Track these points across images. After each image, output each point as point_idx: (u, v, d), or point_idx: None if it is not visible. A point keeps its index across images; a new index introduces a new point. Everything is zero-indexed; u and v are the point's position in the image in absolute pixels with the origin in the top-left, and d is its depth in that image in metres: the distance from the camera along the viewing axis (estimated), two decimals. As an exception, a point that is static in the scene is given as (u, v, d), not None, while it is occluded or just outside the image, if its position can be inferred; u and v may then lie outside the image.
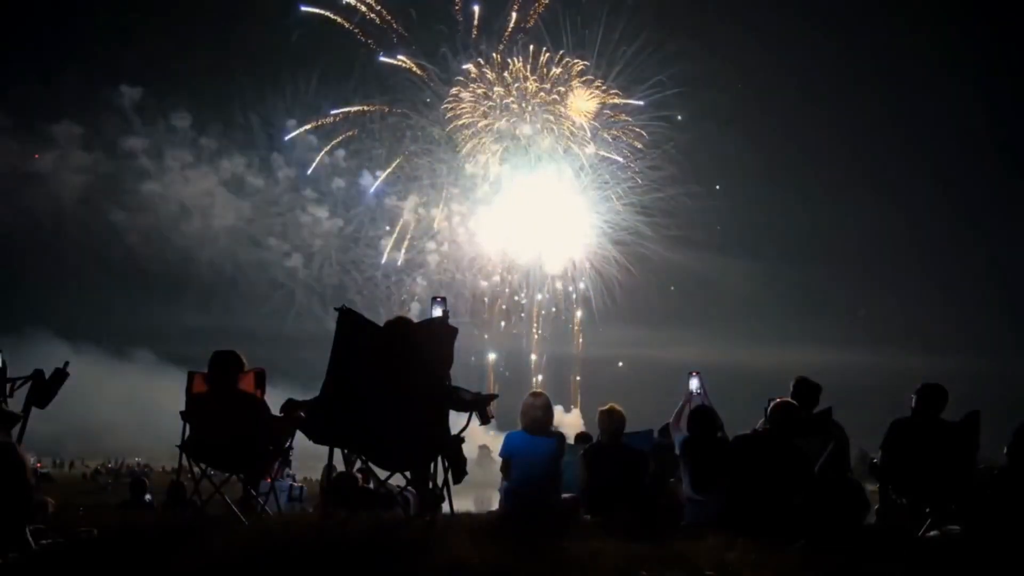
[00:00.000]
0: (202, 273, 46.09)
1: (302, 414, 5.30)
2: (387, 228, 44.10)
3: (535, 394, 5.59)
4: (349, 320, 4.44)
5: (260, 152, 44.27)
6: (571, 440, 8.21)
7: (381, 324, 4.65)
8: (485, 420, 4.75)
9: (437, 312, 4.68)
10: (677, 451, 6.05)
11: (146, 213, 45.72)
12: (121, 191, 45.27)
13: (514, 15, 40.10)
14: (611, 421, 5.84)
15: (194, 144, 44.61)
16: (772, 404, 5.38)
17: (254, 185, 45.15)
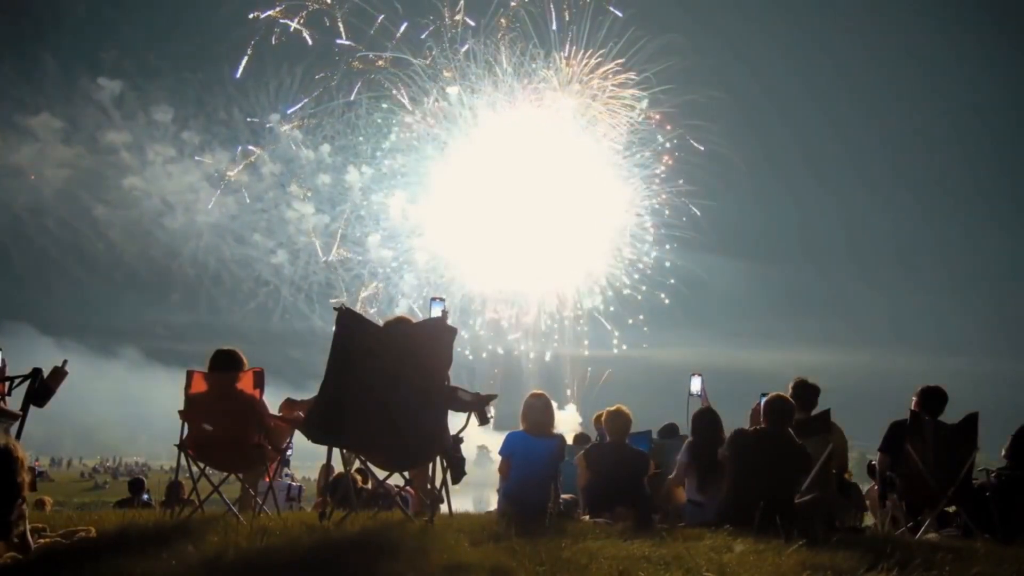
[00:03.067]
0: (186, 270, 45.61)
1: (301, 414, 5.30)
2: (374, 225, 43.55)
3: (536, 395, 5.59)
4: (349, 320, 4.43)
5: (244, 147, 43.76)
6: (569, 440, 8.22)
7: (378, 323, 4.65)
8: (484, 420, 4.76)
9: (436, 312, 4.68)
10: (681, 456, 5.98)
11: (128, 208, 45.28)
12: (102, 186, 44.85)
13: (502, 20, 39.73)
14: (618, 422, 5.85)
15: (176, 139, 44.19)
16: (766, 399, 5.36)
17: (238, 180, 44.67)
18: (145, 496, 9.66)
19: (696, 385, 6.48)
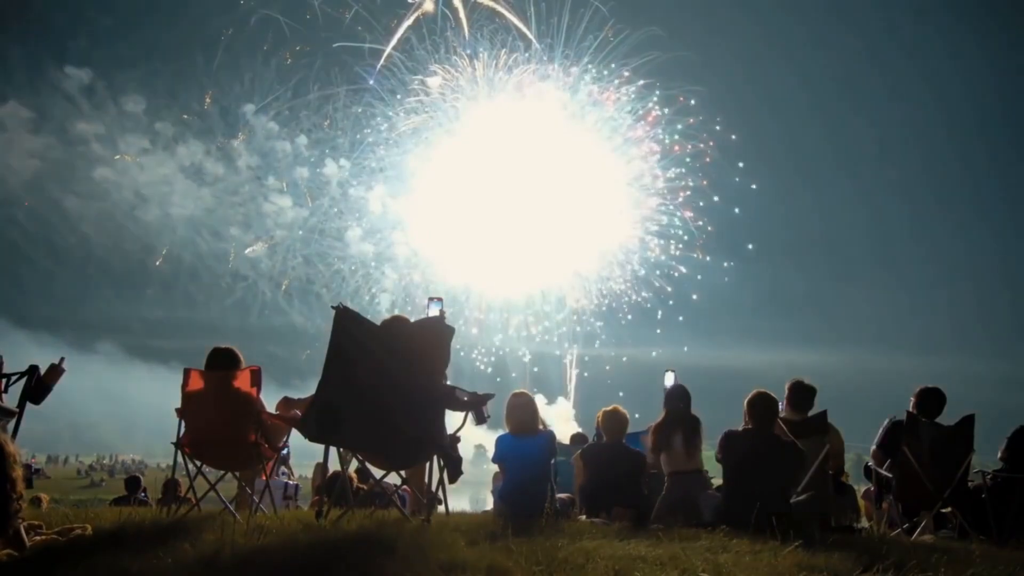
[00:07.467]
0: (161, 263, 44.78)
1: (298, 412, 5.30)
2: (354, 219, 42.85)
3: (517, 394, 5.59)
4: (346, 318, 4.43)
5: (218, 139, 43.00)
6: (567, 440, 8.22)
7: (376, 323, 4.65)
8: (481, 420, 4.76)
9: (434, 311, 4.67)
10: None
11: (100, 200, 44.46)
12: (73, 177, 44.05)
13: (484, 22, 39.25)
14: (614, 422, 5.86)
15: (149, 130, 43.45)
16: (747, 398, 5.34)
17: (213, 173, 43.89)
18: (142, 494, 9.65)
19: (670, 380, 6.58)
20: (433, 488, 4.65)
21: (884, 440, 5.95)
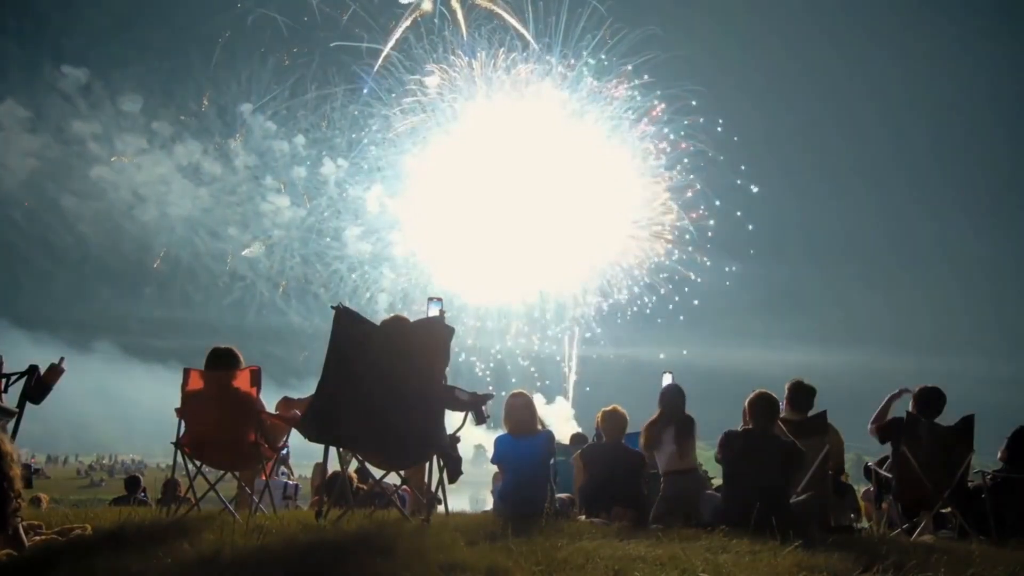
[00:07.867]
0: (159, 263, 44.57)
1: (297, 412, 5.30)
2: (351, 219, 42.68)
3: (515, 394, 5.59)
4: (346, 318, 4.43)
5: (216, 139, 42.83)
6: (566, 440, 8.22)
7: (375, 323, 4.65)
8: (480, 420, 4.76)
9: (433, 311, 4.67)
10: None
11: (97, 200, 44.26)
12: (70, 176, 43.85)
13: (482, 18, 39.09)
14: (614, 422, 5.87)
15: (146, 129, 43.27)
16: (748, 398, 5.34)
17: (211, 173, 43.70)
18: (141, 494, 9.64)
19: (667, 382, 6.60)
20: (433, 488, 4.65)
21: (885, 426, 5.94)
